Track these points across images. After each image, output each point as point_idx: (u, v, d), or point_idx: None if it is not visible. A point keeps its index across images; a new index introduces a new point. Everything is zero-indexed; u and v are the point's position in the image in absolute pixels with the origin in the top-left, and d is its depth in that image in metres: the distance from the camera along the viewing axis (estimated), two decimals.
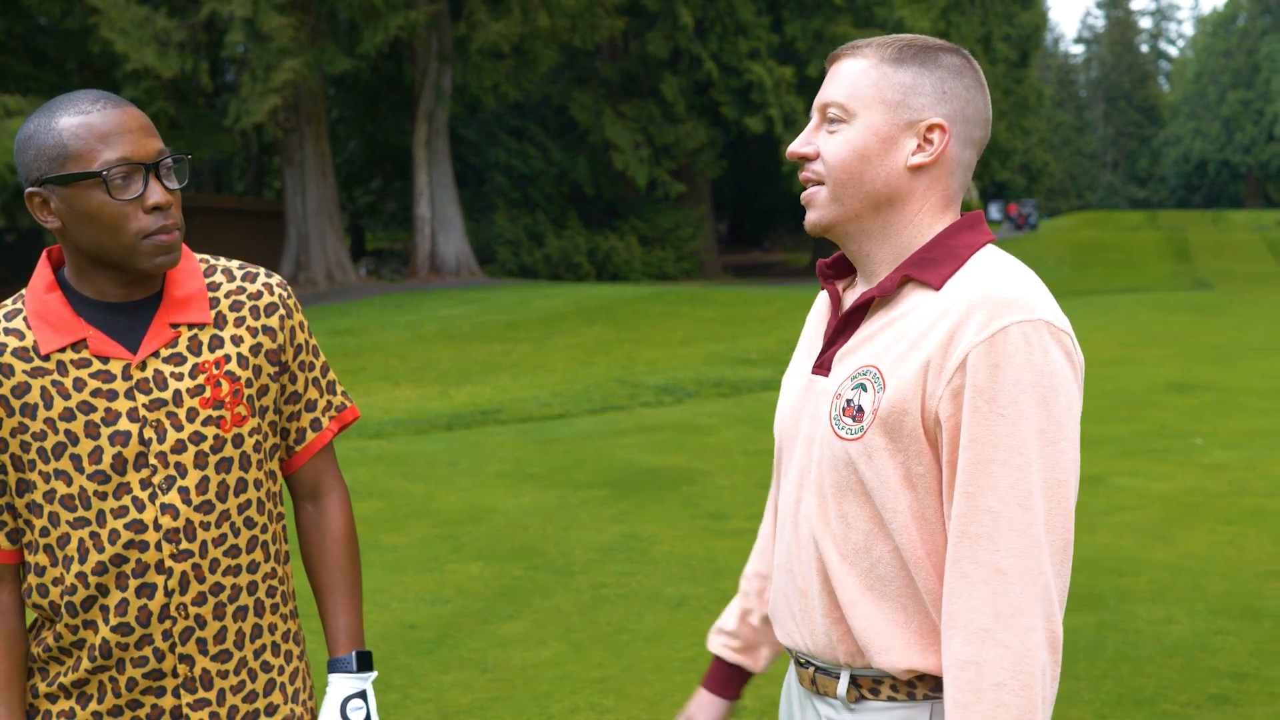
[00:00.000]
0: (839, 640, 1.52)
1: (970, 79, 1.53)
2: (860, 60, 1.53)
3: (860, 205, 1.52)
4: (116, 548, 1.64)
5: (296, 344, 1.81)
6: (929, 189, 1.52)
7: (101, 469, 1.64)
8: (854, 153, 1.51)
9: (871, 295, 1.52)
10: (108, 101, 1.63)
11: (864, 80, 1.51)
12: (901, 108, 1.50)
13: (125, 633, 1.65)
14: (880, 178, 1.51)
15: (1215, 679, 4.21)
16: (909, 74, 1.50)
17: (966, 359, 1.41)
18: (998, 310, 1.41)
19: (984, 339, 1.40)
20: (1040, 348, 1.41)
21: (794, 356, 1.71)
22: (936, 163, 1.51)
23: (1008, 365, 1.39)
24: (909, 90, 1.50)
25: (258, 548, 1.74)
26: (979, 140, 1.54)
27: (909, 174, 1.51)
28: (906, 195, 1.52)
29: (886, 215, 1.53)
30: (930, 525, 1.46)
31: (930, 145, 1.50)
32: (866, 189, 1.51)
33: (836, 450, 1.49)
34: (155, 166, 1.63)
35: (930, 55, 1.52)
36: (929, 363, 1.43)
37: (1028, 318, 1.41)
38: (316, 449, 1.84)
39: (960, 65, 1.52)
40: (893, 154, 1.50)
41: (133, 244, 1.62)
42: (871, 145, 1.50)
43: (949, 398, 1.42)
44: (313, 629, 4.74)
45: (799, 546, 1.57)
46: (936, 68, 1.51)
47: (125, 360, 1.66)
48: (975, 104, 1.53)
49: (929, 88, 1.50)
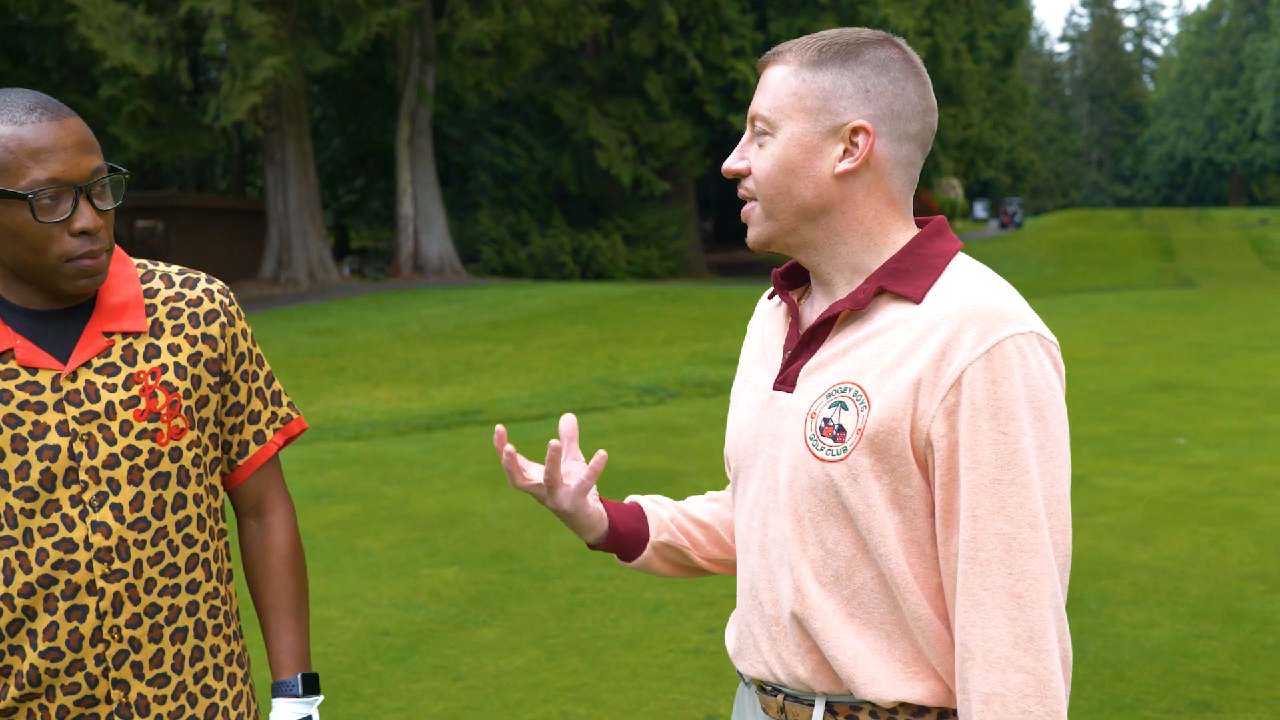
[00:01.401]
0: (815, 669, 1.46)
1: (899, 70, 1.44)
2: (781, 67, 1.46)
3: (794, 219, 1.46)
4: (44, 568, 1.56)
5: (239, 353, 1.73)
6: (867, 194, 1.45)
7: (29, 485, 1.56)
8: (778, 166, 1.45)
9: (841, 308, 1.45)
10: (44, 112, 1.53)
11: (784, 89, 1.45)
12: (823, 114, 1.43)
13: (55, 658, 1.57)
14: (809, 189, 1.44)
15: (1196, 684, 4.16)
16: (828, 77, 1.43)
17: (963, 376, 1.34)
18: (991, 325, 1.36)
19: (980, 355, 1.34)
20: (1035, 361, 1.36)
21: (741, 368, 1.63)
22: (867, 166, 1.44)
23: (1005, 381, 1.34)
24: (828, 94, 1.43)
25: (198, 566, 1.67)
26: (916, 133, 1.46)
27: (838, 181, 1.44)
28: (842, 203, 1.45)
29: (826, 225, 1.46)
30: (920, 548, 1.40)
31: (856, 149, 1.43)
32: (797, 202, 1.45)
33: (814, 472, 1.42)
34: (88, 187, 1.55)
35: (852, 53, 1.44)
36: (920, 380, 1.36)
37: (1020, 331, 1.36)
38: (260, 462, 1.77)
39: (886, 58, 1.44)
40: (818, 163, 1.44)
41: (55, 265, 1.55)
42: (795, 157, 1.44)
43: (942, 416, 1.35)
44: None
45: (768, 572, 1.50)
46: (859, 65, 1.43)
47: (55, 371, 1.58)
48: (905, 97, 1.44)
49: (850, 88, 1.43)
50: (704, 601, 5.20)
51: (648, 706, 4.12)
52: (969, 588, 1.35)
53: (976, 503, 1.34)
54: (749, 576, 1.54)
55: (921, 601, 1.40)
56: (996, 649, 1.34)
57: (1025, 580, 1.34)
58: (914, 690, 1.42)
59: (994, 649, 1.34)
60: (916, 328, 1.40)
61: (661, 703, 4.15)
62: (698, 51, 31.15)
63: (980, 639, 1.34)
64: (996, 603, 1.34)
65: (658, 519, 1.71)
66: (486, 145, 32.54)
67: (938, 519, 1.39)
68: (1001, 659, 1.33)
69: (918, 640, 1.42)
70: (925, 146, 1.49)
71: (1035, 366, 1.36)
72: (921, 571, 1.40)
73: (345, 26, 22.77)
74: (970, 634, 1.35)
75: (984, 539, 1.34)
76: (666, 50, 31.71)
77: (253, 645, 4.74)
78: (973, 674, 1.35)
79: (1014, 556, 1.34)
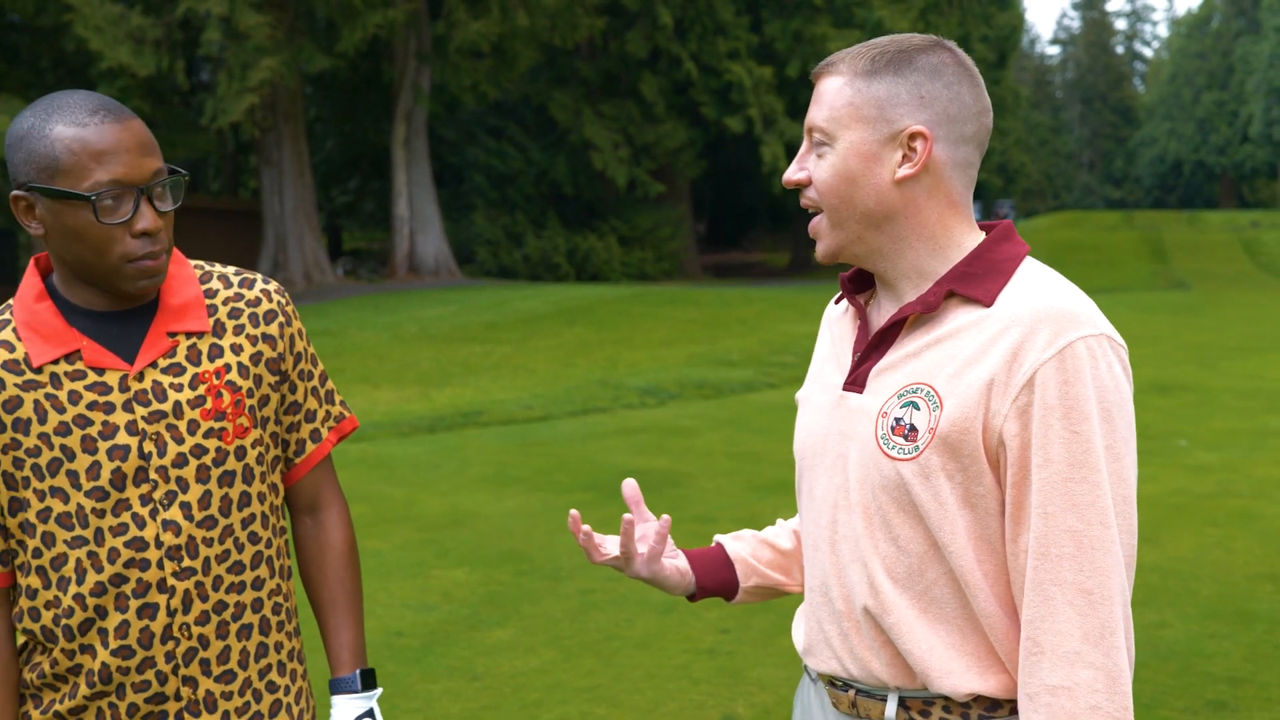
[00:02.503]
0: (889, 664, 1.48)
1: (952, 74, 1.47)
2: (836, 78, 1.49)
3: (859, 227, 1.49)
4: (116, 567, 1.57)
5: (296, 352, 1.75)
6: (929, 198, 1.48)
7: (100, 485, 1.57)
8: (838, 176, 1.47)
9: (911, 310, 1.47)
10: (107, 114, 1.54)
11: (840, 99, 1.47)
12: (880, 122, 1.46)
13: (126, 656, 1.58)
14: (871, 197, 1.47)
15: (1211, 684, 4.19)
16: (883, 85, 1.46)
17: (1035, 376, 1.37)
18: (1062, 326, 1.38)
19: (1052, 355, 1.37)
20: (1105, 363, 1.38)
21: (812, 370, 1.66)
22: (926, 170, 1.46)
23: (1077, 381, 1.36)
24: (884, 102, 1.45)
25: (262, 563, 1.68)
26: (973, 135, 1.49)
27: (899, 187, 1.46)
28: (904, 208, 1.47)
29: (890, 231, 1.49)
30: (990, 546, 1.43)
31: (915, 154, 1.46)
32: (860, 210, 1.48)
33: (886, 470, 1.45)
34: (149, 189, 1.56)
35: (905, 60, 1.47)
36: (992, 380, 1.39)
37: (1091, 333, 1.39)
38: (316, 461, 1.78)
39: (939, 63, 1.47)
40: (878, 170, 1.46)
41: (117, 266, 1.56)
42: (855, 165, 1.47)
43: (1015, 415, 1.38)
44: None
45: (838, 569, 1.52)
46: (912, 71, 1.46)
47: (122, 371, 1.60)
48: (960, 100, 1.47)
49: (905, 95, 1.45)
50: (716, 603, 5.22)
51: (665, 707, 4.13)
52: (1039, 583, 1.37)
53: (1047, 500, 1.37)
54: (819, 573, 1.56)
55: (990, 598, 1.43)
56: (1066, 643, 1.36)
57: (1095, 577, 1.36)
58: (987, 684, 1.44)
59: (1063, 643, 1.36)
60: (988, 330, 1.42)
61: (680, 703, 4.16)
62: (693, 53, 31.16)
63: (1050, 633, 1.37)
64: (1066, 598, 1.36)
65: (745, 565, 1.75)
66: (481, 147, 32.51)
67: (1008, 516, 1.41)
68: (1070, 653, 1.36)
69: (988, 635, 1.44)
70: (982, 147, 1.51)
71: (1105, 368, 1.38)
72: (991, 569, 1.43)
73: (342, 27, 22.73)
74: (1039, 628, 1.37)
75: (1055, 535, 1.37)
76: (661, 52, 31.71)
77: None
78: (1041, 667, 1.37)
79: (1084, 553, 1.36)
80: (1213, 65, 68.53)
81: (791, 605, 5.16)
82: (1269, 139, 59.13)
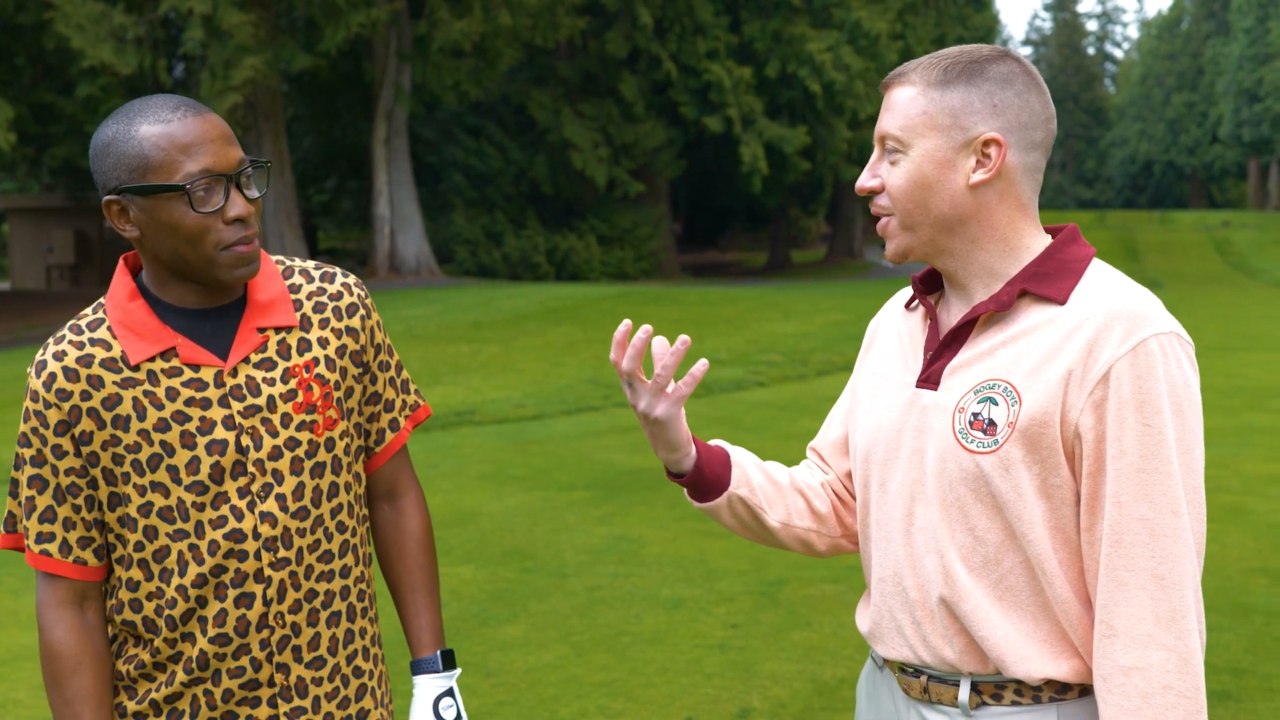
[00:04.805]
0: (963, 650, 1.54)
1: (1021, 84, 1.53)
2: (908, 88, 1.55)
3: (932, 230, 1.55)
4: (216, 559, 1.62)
5: (376, 344, 1.80)
6: (1000, 201, 1.54)
7: (200, 479, 1.62)
8: (913, 182, 1.53)
9: (985, 309, 1.53)
10: (188, 109, 1.59)
11: (914, 108, 1.53)
12: (954, 129, 1.52)
13: (223, 643, 1.63)
14: (945, 201, 1.53)
15: (1214, 675, 4.28)
16: (957, 94, 1.52)
17: (1110, 371, 1.44)
18: (1135, 324, 1.45)
19: (1126, 351, 1.44)
20: (1175, 359, 1.46)
21: (877, 366, 1.70)
22: (999, 175, 1.53)
23: (1150, 377, 1.44)
24: (959, 111, 1.52)
25: (349, 552, 1.73)
26: (1041, 141, 1.55)
27: (973, 192, 1.53)
28: (977, 212, 1.54)
29: (963, 234, 1.55)
30: (1065, 534, 1.49)
31: (989, 160, 1.52)
32: (934, 214, 1.54)
33: (965, 463, 1.51)
34: (237, 176, 1.61)
35: (976, 70, 1.53)
36: (1070, 375, 1.46)
37: (1162, 330, 1.46)
38: (395, 449, 1.83)
39: (1009, 72, 1.53)
40: (953, 176, 1.52)
41: (212, 256, 1.61)
42: (930, 172, 1.53)
43: (1090, 409, 1.45)
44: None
45: (913, 559, 1.58)
46: (984, 81, 1.52)
47: (216, 367, 1.64)
48: (1030, 108, 1.53)
49: (979, 104, 1.52)
50: (723, 598, 5.28)
51: (681, 701, 4.19)
52: (1113, 569, 1.44)
53: (1121, 489, 1.44)
54: (892, 564, 1.61)
55: (1064, 585, 1.49)
56: (1139, 626, 1.42)
57: (1167, 563, 1.43)
58: (1060, 668, 1.50)
59: (1136, 626, 1.42)
60: (1063, 327, 1.49)
61: (695, 697, 4.22)
62: (672, 53, 31.23)
63: (1123, 617, 1.43)
64: (1139, 583, 1.43)
65: (741, 471, 1.71)
66: (461, 146, 32.46)
67: (1083, 506, 1.48)
68: (1143, 636, 1.42)
69: (1060, 621, 1.50)
70: (1048, 152, 1.58)
71: (1175, 365, 1.45)
72: (1065, 557, 1.49)
73: (325, 27, 22.66)
74: (1113, 612, 1.44)
75: (1128, 523, 1.44)
76: (641, 52, 31.76)
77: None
78: (1114, 649, 1.43)
79: (1156, 540, 1.43)
80: (1183, 66, 69.11)
81: (800, 603, 5.23)
82: (1238, 140, 59.70)
